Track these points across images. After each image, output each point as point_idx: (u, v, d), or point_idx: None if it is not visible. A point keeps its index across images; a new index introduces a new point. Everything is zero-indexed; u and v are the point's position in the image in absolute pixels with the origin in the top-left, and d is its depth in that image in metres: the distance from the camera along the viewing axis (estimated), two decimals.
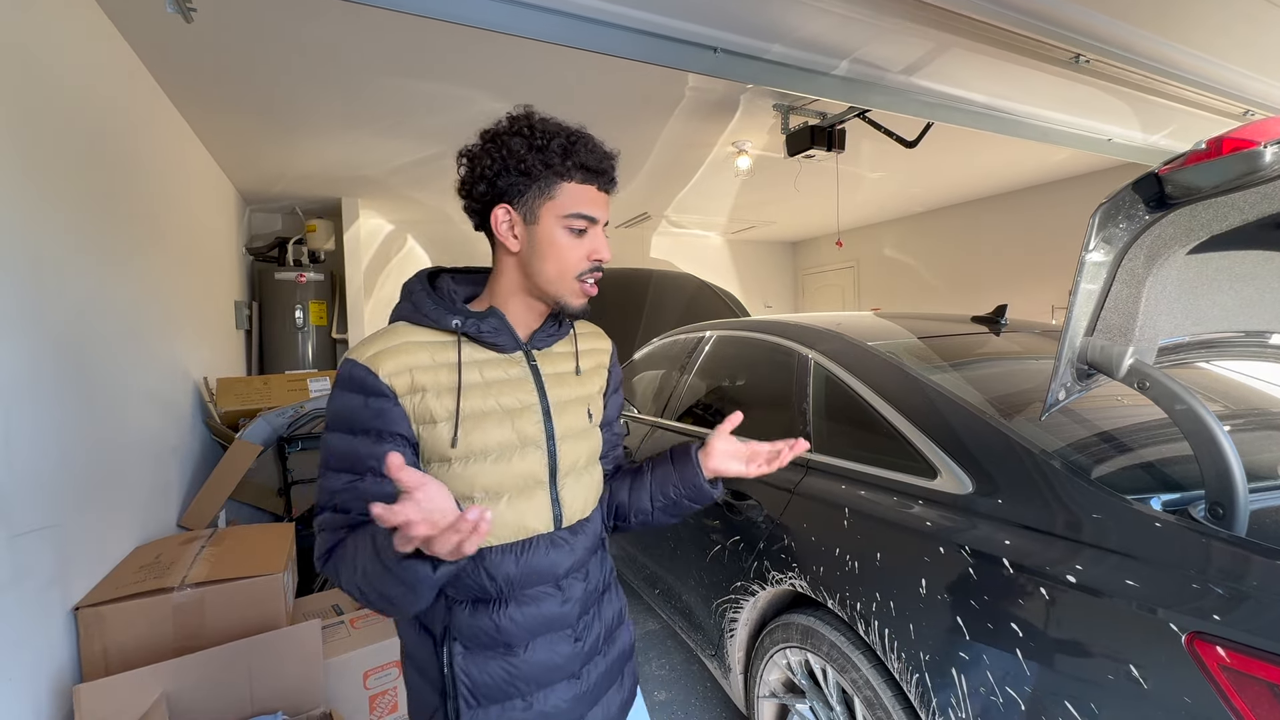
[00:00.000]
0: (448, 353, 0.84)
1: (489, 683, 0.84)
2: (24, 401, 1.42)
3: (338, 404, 0.81)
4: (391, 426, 0.80)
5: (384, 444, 0.79)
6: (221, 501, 2.57)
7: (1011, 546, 1.09)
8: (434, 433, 0.81)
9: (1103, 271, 1.09)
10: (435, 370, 0.82)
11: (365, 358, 0.80)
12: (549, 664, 0.87)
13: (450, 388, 0.82)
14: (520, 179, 0.83)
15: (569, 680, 0.89)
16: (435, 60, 2.65)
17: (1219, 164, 0.92)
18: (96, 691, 1.36)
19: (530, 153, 0.82)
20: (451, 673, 0.83)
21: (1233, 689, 0.79)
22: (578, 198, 0.84)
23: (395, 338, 0.83)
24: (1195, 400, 1.00)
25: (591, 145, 0.85)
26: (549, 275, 0.85)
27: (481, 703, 0.83)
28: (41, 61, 1.66)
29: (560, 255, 0.84)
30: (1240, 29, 2.24)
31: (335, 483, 0.79)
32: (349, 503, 0.79)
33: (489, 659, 0.84)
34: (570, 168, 0.83)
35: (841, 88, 2.52)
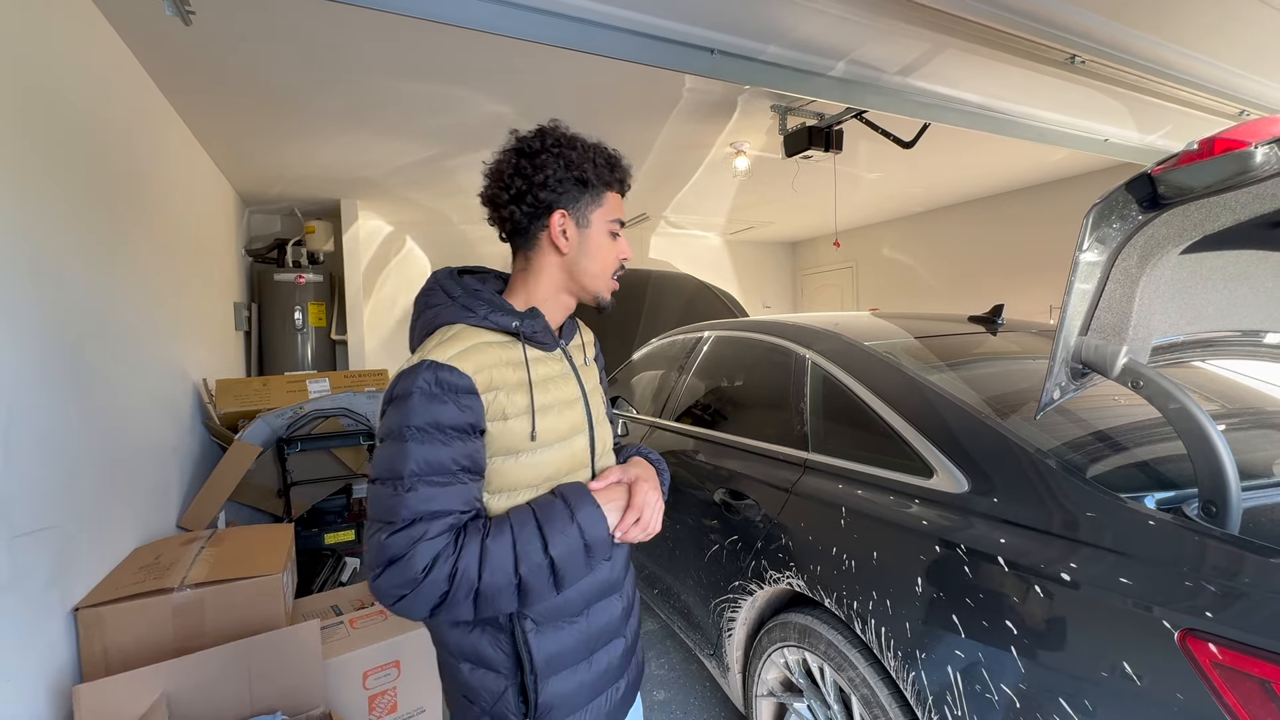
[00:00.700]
0: (511, 352, 0.90)
1: (558, 651, 0.91)
2: (24, 403, 1.42)
3: (427, 413, 0.80)
4: (479, 423, 0.84)
5: (472, 440, 0.83)
6: (221, 502, 2.58)
7: (1007, 545, 1.09)
8: (505, 428, 0.86)
9: (1097, 271, 1.10)
10: (504, 369, 0.87)
11: (448, 358, 0.83)
12: (606, 625, 0.97)
13: (519, 385, 0.88)
14: (576, 187, 0.92)
15: (619, 638, 1.00)
16: (434, 62, 2.65)
17: (1211, 164, 0.92)
18: (96, 691, 1.36)
19: (585, 164, 0.92)
20: (527, 649, 0.88)
21: (1225, 686, 0.79)
22: (616, 205, 0.97)
23: (466, 340, 0.86)
24: (1189, 399, 1.00)
25: (621, 159, 0.98)
26: (594, 273, 0.96)
27: (555, 670, 0.91)
28: (40, 64, 1.67)
29: (604, 255, 0.96)
30: (1232, 28, 2.25)
31: (430, 490, 0.78)
32: (450, 504, 0.79)
33: (558, 629, 0.91)
34: (613, 179, 0.95)
35: (838, 89, 2.52)
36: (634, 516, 0.89)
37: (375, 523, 0.79)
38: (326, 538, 3.23)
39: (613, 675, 0.98)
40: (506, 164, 0.92)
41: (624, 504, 0.90)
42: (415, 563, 0.75)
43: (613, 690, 0.99)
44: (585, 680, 0.94)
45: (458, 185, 4.74)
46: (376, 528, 0.78)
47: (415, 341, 0.95)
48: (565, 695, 0.91)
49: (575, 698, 0.92)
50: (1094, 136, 3.36)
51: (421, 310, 0.95)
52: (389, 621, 1.86)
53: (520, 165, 0.91)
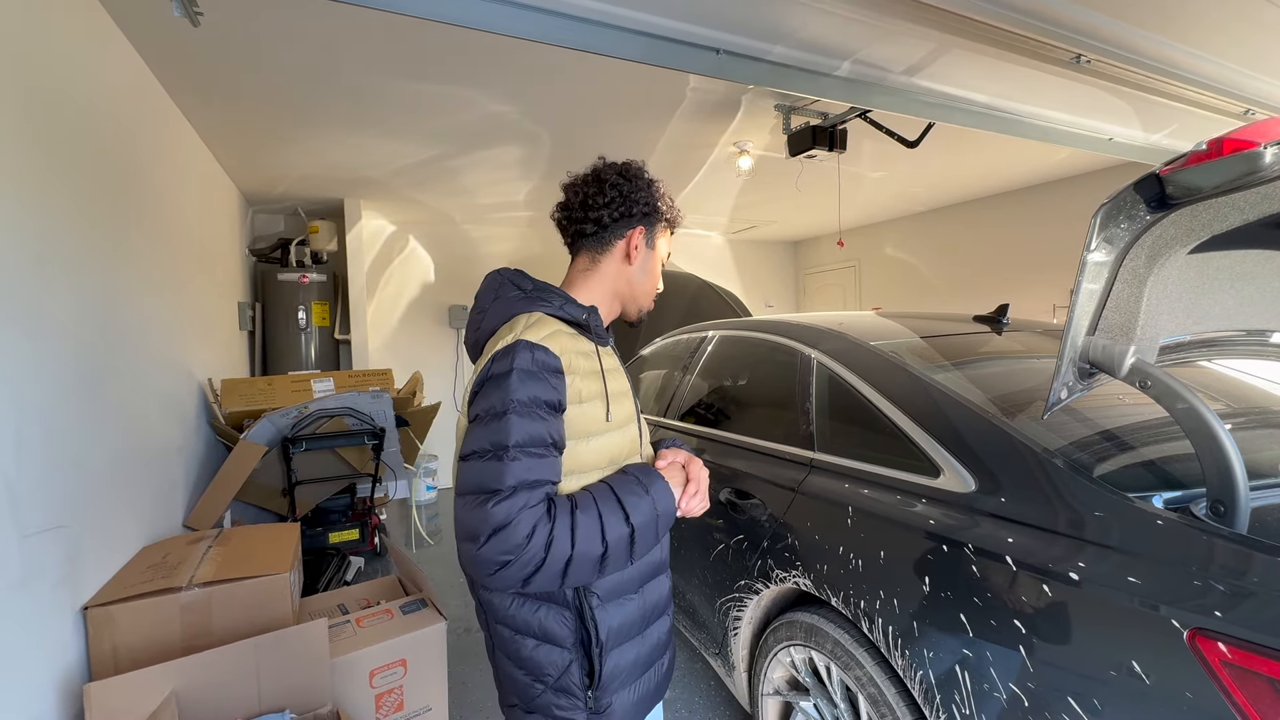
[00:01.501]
0: (581, 342, 0.99)
1: (621, 624, 0.99)
2: (35, 403, 1.43)
3: (527, 388, 0.87)
4: (565, 402, 0.92)
5: (559, 418, 0.91)
6: (227, 502, 2.59)
7: (1014, 544, 1.10)
8: (581, 411, 0.94)
9: (1104, 271, 1.10)
10: (577, 356, 0.95)
11: (541, 338, 0.91)
12: (656, 602, 1.06)
13: (591, 372, 0.97)
14: (655, 212, 1.07)
15: (665, 615, 1.10)
16: (438, 62, 2.65)
17: (1219, 164, 0.92)
18: (107, 690, 1.37)
19: (661, 199, 1.08)
20: (594, 622, 0.95)
21: (1234, 685, 0.80)
22: (668, 242, 1.13)
23: (549, 325, 0.95)
24: (1196, 399, 1.00)
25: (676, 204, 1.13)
26: (646, 289, 1.10)
27: (618, 642, 0.99)
28: (46, 65, 1.67)
29: (655, 276, 1.11)
30: (1238, 27, 2.24)
31: (529, 462, 0.85)
32: (545, 475, 0.87)
33: (620, 604, 0.99)
34: (675, 218, 1.12)
35: (843, 89, 2.52)
36: (694, 489, 1.00)
37: (475, 495, 0.84)
38: (331, 537, 3.24)
39: (661, 648, 1.08)
40: (609, 175, 1.05)
41: (682, 481, 1.00)
42: (520, 529, 0.81)
43: (660, 664, 1.08)
44: (641, 652, 1.02)
45: (461, 185, 4.75)
46: (478, 499, 0.83)
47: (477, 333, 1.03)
48: (624, 666, 0.99)
49: (632, 669, 1.01)
50: (1098, 136, 3.35)
51: (491, 300, 1.02)
52: (395, 621, 1.87)
53: (620, 182, 1.04)
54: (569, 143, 3.80)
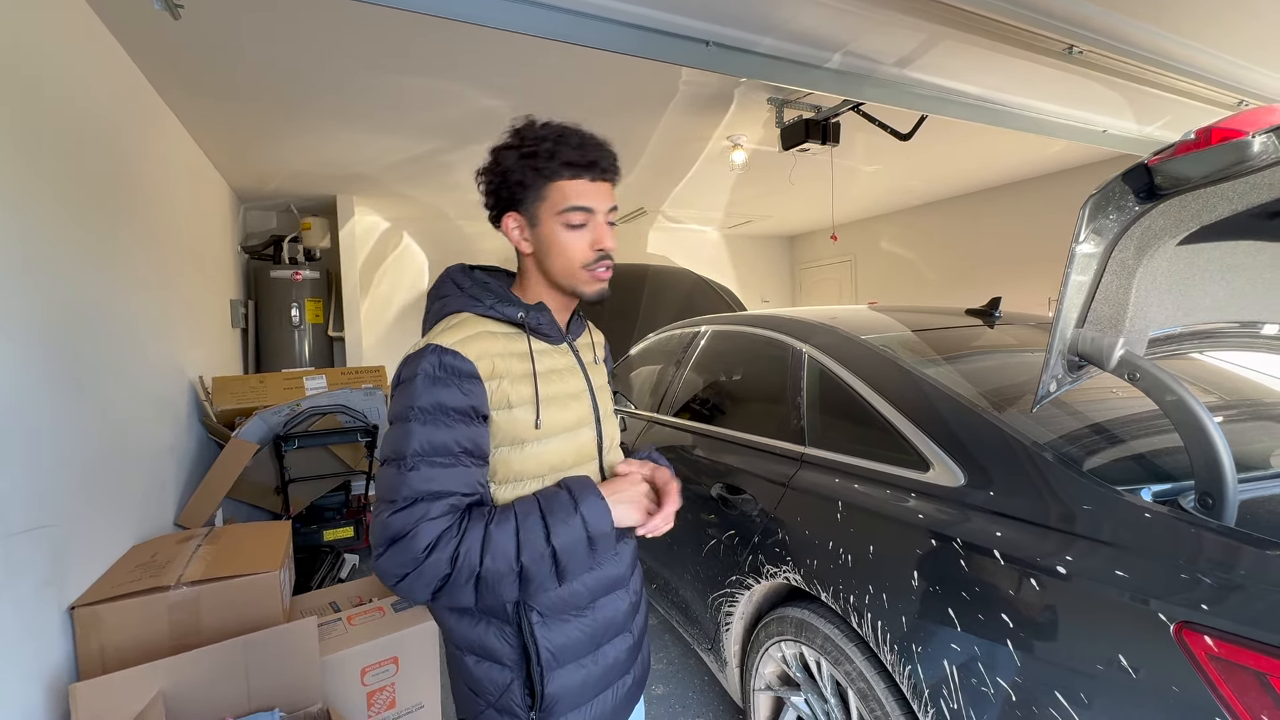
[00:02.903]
0: (516, 343, 0.91)
1: (565, 643, 0.91)
2: (18, 402, 1.41)
3: (431, 394, 0.82)
4: (482, 408, 0.85)
5: (475, 425, 0.84)
6: (218, 500, 2.57)
7: (1003, 538, 1.09)
8: (510, 417, 0.87)
9: (1093, 263, 1.09)
10: (508, 359, 0.89)
11: (452, 343, 0.84)
12: (611, 620, 0.97)
13: (524, 375, 0.89)
14: (517, 188, 0.90)
15: (625, 634, 1.00)
16: (428, 56, 2.63)
17: (1208, 154, 0.92)
18: (93, 690, 1.35)
19: (520, 161, 0.88)
20: (534, 640, 0.89)
21: (1220, 678, 0.79)
22: (568, 193, 0.89)
23: (471, 327, 0.88)
24: (1185, 391, 1.00)
25: (576, 140, 0.89)
26: (559, 270, 0.92)
27: (561, 663, 0.91)
28: (31, 61, 1.65)
29: (563, 251, 0.90)
30: (1231, 17, 2.24)
31: (432, 471, 0.80)
32: (451, 486, 0.80)
33: (564, 622, 0.91)
34: (557, 167, 0.88)
35: (835, 80, 2.51)
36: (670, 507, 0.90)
37: (380, 503, 0.81)
38: (325, 534, 3.23)
39: (618, 670, 0.99)
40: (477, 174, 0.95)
41: (640, 497, 0.90)
42: (417, 542, 0.76)
43: (619, 685, 0.99)
44: (592, 674, 0.94)
45: (454, 181, 4.72)
46: (381, 507, 0.80)
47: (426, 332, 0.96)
48: (571, 688, 0.91)
49: (581, 691, 0.93)
50: (1092, 128, 3.34)
51: (432, 302, 0.97)
52: (387, 618, 1.86)
53: (485, 168, 0.93)
54: None
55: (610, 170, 0.92)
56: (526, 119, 0.92)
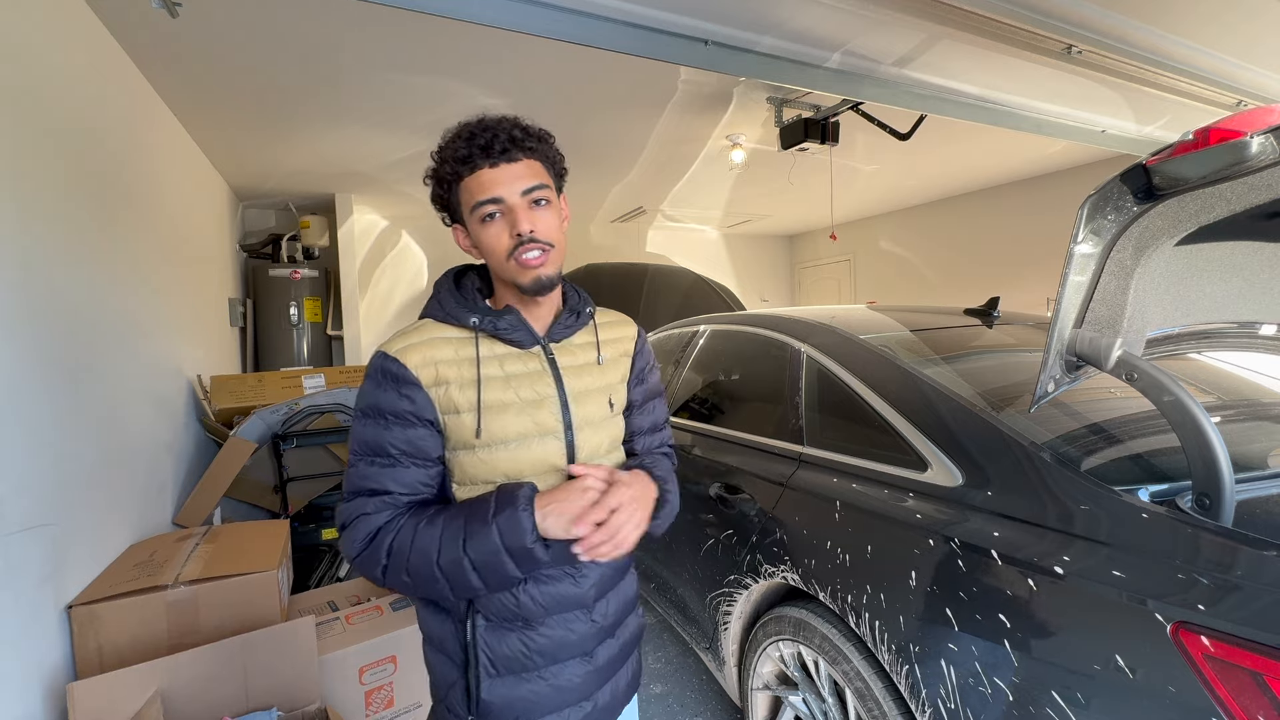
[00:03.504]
0: (469, 348, 0.90)
1: (507, 654, 0.89)
2: (17, 399, 1.41)
3: (370, 395, 0.86)
4: (422, 413, 0.86)
5: (417, 429, 0.86)
6: (216, 499, 2.57)
7: (1000, 538, 1.09)
8: (458, 422, 0.87)
9: (1091, 263, 1.09)
10: (458, 364, 0.88)
11: (394, 350, 0.87)
12: (564, 641, 0.92)
13: (472, 381, 0.88)
14: (447, 202, 0.91)
15: (582, 658, 0.95)
16: (427, 55, 2.63)
17: (1206, 154, 0.92)
18: (91, 689, 1.35)
19: (435, 175, 0.90)
20: (474, 644, 0.89)
21: (1216, 678, 0.79)
22: (473, 189, 0.86)
23: (422, 334, 0.89)
24: (1182, 391, 1.00)
25: (468, 131, 0.86)
26: (495, 266, 0.90)
27: (500, 673, 0.90)
28: (29, 59, 1.65)
29: (488, 246, 0.87)
30: (1230, 18, 2.24)
31: (371, 468, 0.85)
32: (387, 484, 0.85)
33: (508, 632, 0.89)
34: (458, 168, 0.86)
35: (834, 80, 2.51)
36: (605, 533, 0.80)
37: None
38: (324, 533, 3.22)
39: (574, 694, 0.93)
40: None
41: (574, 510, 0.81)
42: (355, 533, 0.83)
43: (572, 710, 0.94)
44: (538, 692, 0.90)
45: None
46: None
47: None
48: (511, 701, 0.89)
49: (522, 707, 0.90)
50: (1091, 128, 3.34)
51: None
52: (385, 617, 1.86)
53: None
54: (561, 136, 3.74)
55: (512, 148, 0.86)
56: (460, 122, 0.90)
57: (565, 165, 0.97)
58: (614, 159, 4.37)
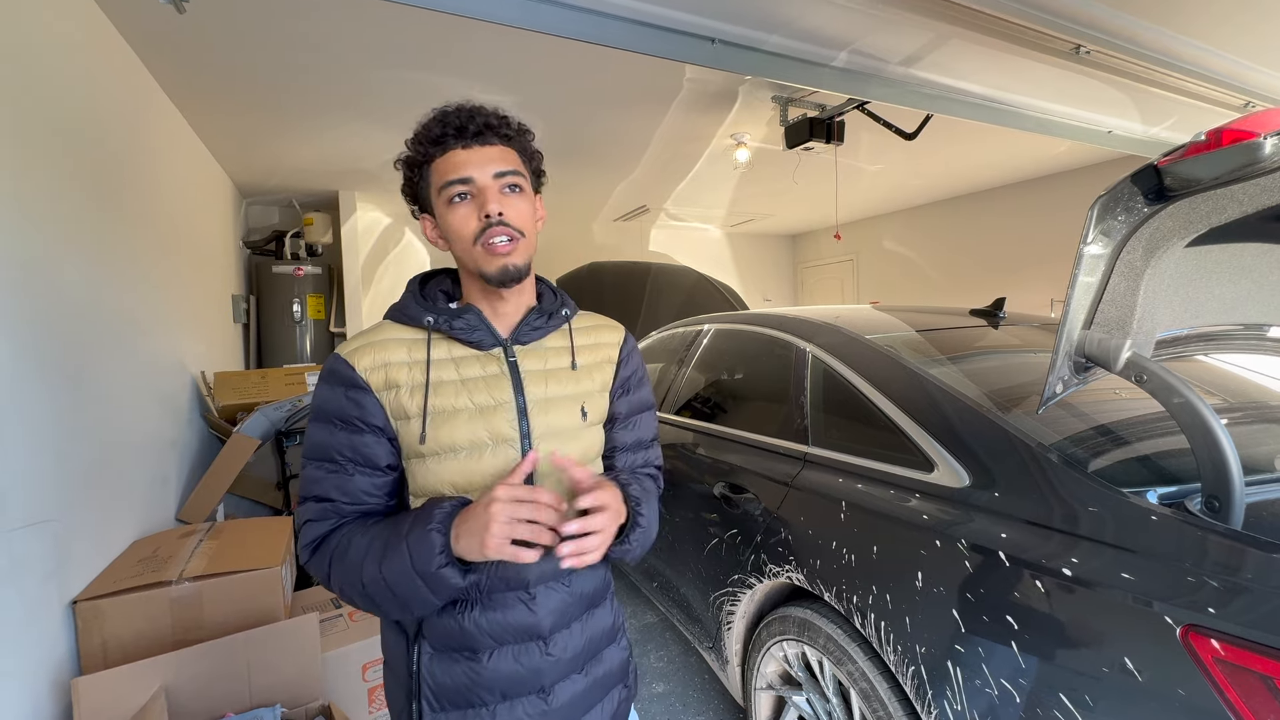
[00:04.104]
0: (423, 350, 0.85)
1: (451, 686, 0.83)
2: (20, 395, 1.41)
3: (320, 397, 0.84)
4: (369, 418, 0.82)
5: (363, 435, 0.82)
6: (220, 495, 2.57)
7: (1008, 540, 1.09)
8: (408, 428, 0.83)
9: (1101, 264, 1.08)
10: (410, 367, 0.83)
11: (346, 352, 0.84)
12: (512, 675, 0.83)
13: (415, 386, 0.83)
14: (416, 186, 0.87)
15: (535, 695, 0.85)
16: (433, 51, 2.63)
17: (1219, 155, 0.91)
18: (95, 684, 1.36)
19: (407, 157, 0.87)
20: (418, 672, 0.83)
21: (1227, 682, 0.79)
22: (443, 170, 0.83)
23: (377, 335, 0.86)
24: (1192, 393, 0.99)
25: (443, 115, 0.84)
26: (460, 254, 0.85)
27: (445, 707, 0.83)
28: (34, 53, 1.65)
29: (455, 230, 0.83)
30: (1242, 19, 2.23)
31: (317, 473, 0.82)
32: (330, 492, 0.81)
33: (453, 662, 0.83)
34: (430, 150, 0.83)
35: (840, 79, 2.50)
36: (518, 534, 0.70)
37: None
38: None
39: None
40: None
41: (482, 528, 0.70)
42: (303, 537, 0.81)
43: None
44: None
45: None
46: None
47: None
48: None
49: None
50: (1097, 128, 3.33)
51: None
52: None
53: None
54: (565, 134, 3.77)
55: (487, 131, 0.83)
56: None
57: (543, 166, 0.93)
58: (618, 157, 4.36)
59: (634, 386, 1.00)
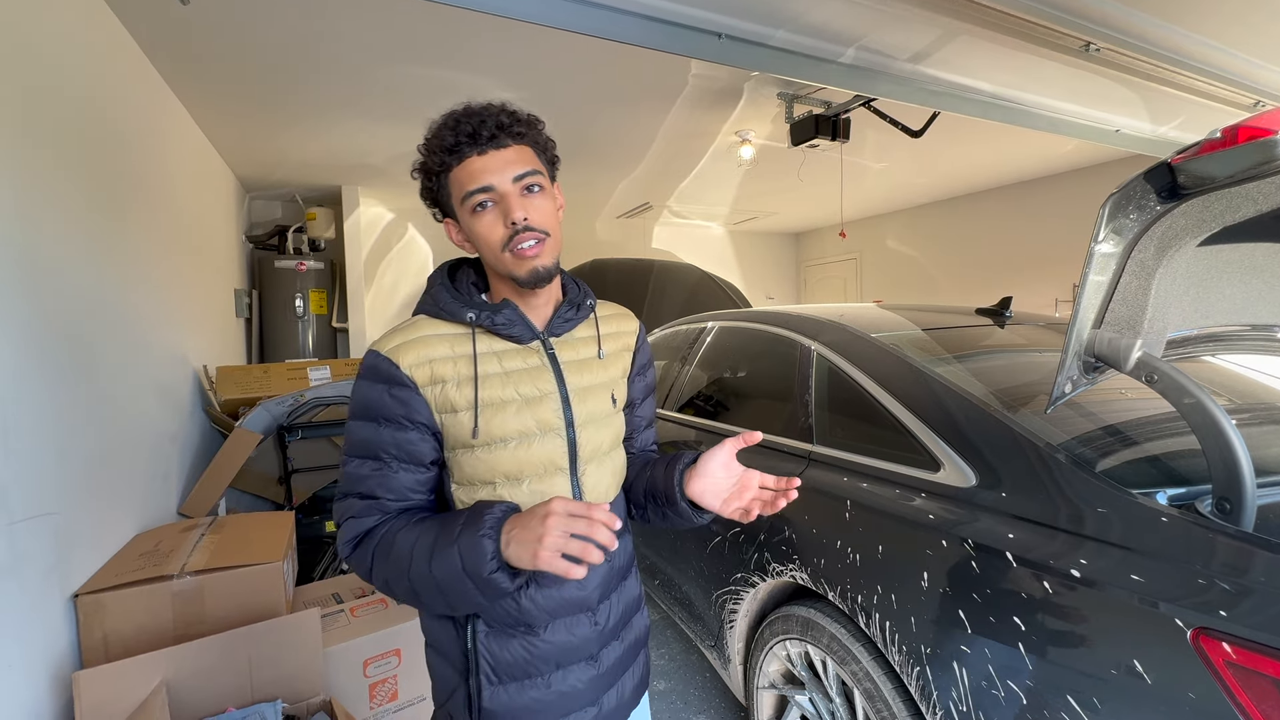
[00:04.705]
0: (466, 345, 0.86)
1: (510, 660, 0.87)
2: (23, 389, 1.41)
3: (362, 394, 0.84)
4: (414, 415, 0.83)
5: (408, 432, 0.83)
6: (221, 489, 2.57)
7: (1015, 540, 1.08)
8: (455, 421, 0.84)
9: (1112, 263, 1.07)
10: (454, 362, 0.85)
11: (387, 350, 0.83)
12: (567, 645, 0.89)
13: (469, 378, 0.85)
14: (437, 195, 0.88)
15: (586, 662, 0.92)
16: (436, 46, 2.61)
17: (1234, 153, 0.90)
18: (96, 678, 1.35)
19: (422, 167, 0.87)
20: (474, 650, 0.86)
21: (1238, 685, 0.78)
22: (463, 180, 0.83)
23: (415, 331, 0.86)
24: (1204, 394, 0.98)
25: (454, 121, 0.83)
26: (489, 260, 0.87)
27: (502, 680, 0.87)
28: (37, 47, 1.64)
29: (482, 238, 0.84)
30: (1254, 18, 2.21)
31: (361, 470, 0.83)
32: (375, 489, 0.83)
33: (510, 638, 0.87)
34: (443, 157, 0.83)
35: (847, 76, 2.48)
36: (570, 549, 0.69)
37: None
38: (327, 526, 3.22)
39: (578, 700, 0.91)
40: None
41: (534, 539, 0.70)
42: (344, 533, 0.83)
43: (578, 715, 0.91)
44: (541, 699, 0.88)
45: None
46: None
47: None
48: (514, 710, 0.87)
49: (526, 715, 0.88)
50: (1106, 127, 3.31)
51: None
52: (389, 610, 1.86)
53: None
54: (570, 130, 3.76)
55: (500, 134, 0.83)
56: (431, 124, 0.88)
57: (556, 153, 0.93)
58: (622, 154, 4.35)
59: (646, 371, 1.07)
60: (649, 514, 0.99)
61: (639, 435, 1.06)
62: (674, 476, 0.92)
